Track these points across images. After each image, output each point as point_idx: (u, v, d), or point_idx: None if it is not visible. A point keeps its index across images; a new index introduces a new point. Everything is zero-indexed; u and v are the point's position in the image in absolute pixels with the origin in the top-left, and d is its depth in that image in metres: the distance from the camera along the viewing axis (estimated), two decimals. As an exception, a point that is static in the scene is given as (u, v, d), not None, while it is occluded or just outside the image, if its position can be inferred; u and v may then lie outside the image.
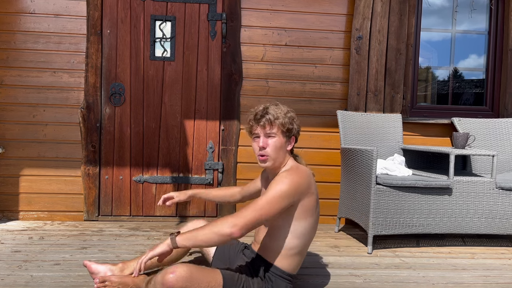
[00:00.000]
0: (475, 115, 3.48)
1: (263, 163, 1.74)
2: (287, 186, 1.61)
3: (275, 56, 3.28)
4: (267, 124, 1.70)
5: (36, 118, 3.13)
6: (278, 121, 1.70)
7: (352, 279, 2.16)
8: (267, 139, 1.71)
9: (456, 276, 2.25)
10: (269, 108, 1.72)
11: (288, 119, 1.73)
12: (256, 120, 1.72)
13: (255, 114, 1.73)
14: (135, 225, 3.10)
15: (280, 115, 1.71)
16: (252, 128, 1.74)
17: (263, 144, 1.70)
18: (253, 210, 1.56)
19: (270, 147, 1.71)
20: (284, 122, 1.71)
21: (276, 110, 1.72)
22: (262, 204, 1.58)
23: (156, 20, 3.18)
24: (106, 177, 3.19)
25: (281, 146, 1.72)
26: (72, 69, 3.14)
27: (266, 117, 1.69)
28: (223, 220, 1.54)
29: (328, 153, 3.33)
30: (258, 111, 1.73)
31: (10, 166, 3.13)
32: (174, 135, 3.23)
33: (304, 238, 1.73)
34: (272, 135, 1.71)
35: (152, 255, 1.56)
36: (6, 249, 2.47)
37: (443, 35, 3.63)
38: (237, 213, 1.57)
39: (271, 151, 1.71)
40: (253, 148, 1.78)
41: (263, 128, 1.70)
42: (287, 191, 1.61)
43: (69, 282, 2.00)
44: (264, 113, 1.71)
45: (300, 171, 1.70)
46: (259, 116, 1.71)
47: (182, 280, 1.50)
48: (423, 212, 2.63)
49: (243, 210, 1.57)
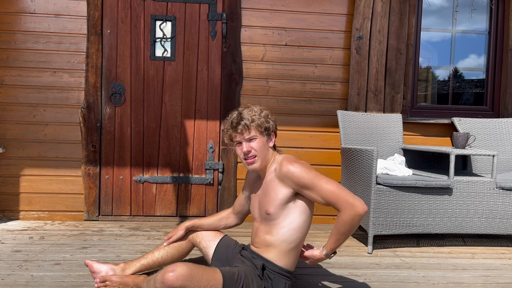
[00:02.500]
0: (475, 115, 3.48)
1: (252, 165, 1.78)
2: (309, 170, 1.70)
3: (275, 56, 3.28)
4: (244, 130, 1.74)
5: (36, 118, 3.13)
6: (254, 123, 1.74)
7: (352, 279, 2.16)
8: (249, 143, 1.76)
9: (456, 276, 2.25)
10: (242, 113, 1.76)
11: (263, 118, 1.77)
12: (233, 128, 1.75)
13: (230, 122, 1.77)
14: (135, 225, 3.10)
15: (255, 117, 1.75)
16: (231, 136, 1.78)
17: (247, 148, 1.75)
18: (336, 187, 1.67)
19: (255, 148, 1.76)
20: (260, 122, 1.76)
21: (250, 113, 1.76)
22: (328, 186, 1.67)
23: (157, 20, 3.18)
24: (107, 177, 3.19)
25: (263, 145, 1.77)
26: (73, 69, 3.14)
27: (241, 123, 1.73)
28: (341, 215, 1.64)
29: (328, 153, 3.33)
30: (233, 119, 1.77)
31: (10, 166, 3.13)
32: (174, 135, 3.24)
33: (303, 230, 1.77)
34: (253, 138, 1.76)
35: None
36: (7, 249, 2.47)
37: (443, 35, 3.63)
38: (339, 202, 1.64)
39: (257, 152, 1.76)
40: (237, 154, 1.83)
41: (242, 134, 1.75)
42: (313, 171, 1.71)
43: (70, 282, 2.00)
44: (239, 119, 1.75)
45: (292, 156, 1.79)
46: (235, 123, 1.75)
47: (182, 278, 1.50)
48: (423, 212, 2.63)
49: (335, 197, 1.65)
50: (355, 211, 1.61)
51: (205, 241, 2.03)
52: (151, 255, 2.01)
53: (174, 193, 3.25)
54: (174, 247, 2.04)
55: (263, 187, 1.82)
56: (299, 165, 1.71)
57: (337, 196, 1.64)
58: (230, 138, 1.80)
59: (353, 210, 1.61)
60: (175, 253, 2.04)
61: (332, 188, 1.66)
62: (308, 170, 1.69)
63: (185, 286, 1.51)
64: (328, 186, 1.66)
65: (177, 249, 2.04)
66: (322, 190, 1.66)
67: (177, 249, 2.04)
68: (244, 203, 2.04)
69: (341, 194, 1.64)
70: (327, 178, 1.69)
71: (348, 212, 1.62)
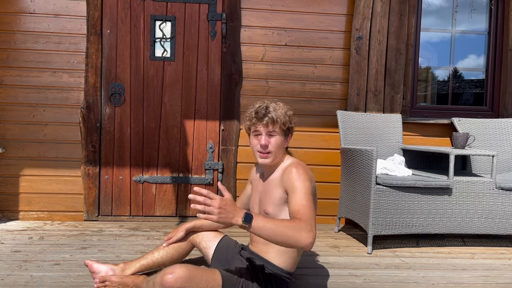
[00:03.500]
0: (475, 115, 3.48)
1: (264, 159, 1.76)
2: (308, 182, 1.63)
3: (275, 56, 3.28)
4: (269, 123, 1.72)
5: (36, 118, 3.13)
6: (280, 120, 1.73)
7: (352, 279, 2.16)
8: (269, 137, 1.74)
9: (456, 276, 2.25)
10: (270, 107, 1.75)
11: (288, 117, 1.77)
12: (258, 118, 1.73)
13: (256, 111, 1.75)
14: (135, 225, 3.10)
15: (281, 114, 1.74)
16: (254, 125, 1.75)
17: (266, 142, 1.73)
18: (311, 210, 1.54)
19: (272, 144, 1.74)
20: (285, 121, 1.75)
21: (277, 109, 1.75)
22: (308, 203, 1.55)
23: (156, 20, 3.18)
24: (106, 177, 3.19)
25: (280, 143, 1.76)
26: (72, 69, 3.14)
27: (269, 115, 1.71)
28: (299, 224, 1.47)
29: (328, 153, 3.33)
30: (260, 109, 1.74)
31: (10, 166, 3.13)
32: (174, 135, 3.24)
33: None
34: (274, 134, 1.74)
35: (204, 217, 1.41)
36: (6, 249, 2.47)
37: (443, 35, 3.63)
38: (303, 218, 1.49)
39: (273, 149, 1.74)
40: (251, 144, 1.80)
41: (266, 126, 1.72)
42: (310, 185, 1.64)
43: (69, 282, 2.00)
44: (267, 111, 1.73)
45: (304, 164, 1.74)
46: (261, 114, 1.72)
47: (181, 280, 1.50)
48: (423, 212, 2.63)
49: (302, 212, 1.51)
50: (304, 237, 1.44)
51: (205, 242, 2.03)
52: (150, 256, 2.01)
53: (173, 193, 3.25)
54: (174, 247, 2.04)
55: (265, 185, 1.82)
56: (301, 169, 1.67)
57: (305, 212, 1.52)
58: (250, 127, 1.78)
59: (304, 234, 1.44)
60: (175, 253, 2.04)
61: (306, 203, 1.55)
62: (303, 178, 1.63)
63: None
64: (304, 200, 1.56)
65: (177, 249, 2.04)
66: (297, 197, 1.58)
67: (176, 250, 2.04)
68: (246, 202, 2.04)
69: (309, 214, 1.52)
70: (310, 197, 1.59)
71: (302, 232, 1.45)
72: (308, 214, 1.52)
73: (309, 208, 1.55)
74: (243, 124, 1.83)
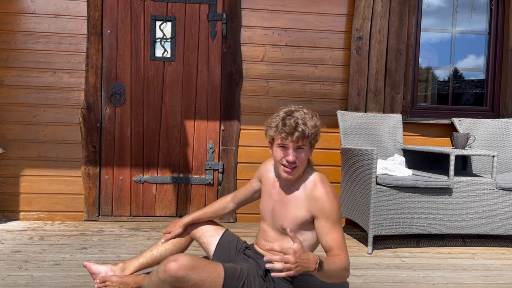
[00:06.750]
0: (475, 115, 3.48)
1: (288, 174, 1.68)
2: (338, 205, 1.68)
3: (275, 56, 3.28)
4: (300, 138, 1.62)
5: (36, 118, 3.13)
6: (311, 135, 1.65)
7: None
8: (297, 153, 1.66)
9: (456, 277, 2.25)
10: (299, 119, 1.62)
11: (317, 130, 1.68)
12: (288, 133, 1.61)
13: (284, 123, 1.62)
14: (135, 225, 3.10)
15: (311, 127, 1.64)
16: (282, 139, 1.64)
17: (293, 158, 1.64)
18: (344, 240, 1.65)
19: (300, 160, 1.67)
20: (315, 134, 1.67)
21: (306, 120, 1.64)
22: (342, 233, 1.66)
23: (157, 20, 3.18)
24: (107, 177, 3.19)
25: (307, 157, 1.71)
26: (73, 69, 3.14)
27: (299, 130, 1.61)
28: (345, 263, 1.56)
29: (328, 153, 3.33)
30: (290, 123, 1.61)
31: (10, 166, 3.13)
32: (174, 135, 3.24)
33: (314, 248, 1.79)
34: (302, 147, 1.66)
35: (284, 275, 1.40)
36: (6, 249, 2.47)
37: (443, 35, 3.63)
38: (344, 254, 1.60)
39: (300, 164, 1.68)
40: (274, 154, 1.71)
41: (295, 142, 1.63)
42: (339, 209, 1.69)
43: (69, 282, 2.00)
44: (296, 124, 1.61)
45: (327, 181, 1.74)
46: (292, 127, 1.60)
47: (184, 268, 1.51)
48: (423, 212, 2.63)
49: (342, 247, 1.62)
50: (348, 273, 1.61)
51: (206, 237, 2.02)
52: (149, 253, 2.01)
53: (174, 193, 3.25)
54: (172, 243, 2.04)
55: (283, 197, 1.77)
56: (330, 191, 1.68)
57: (343, 246, 1.63)
58: (274, 137, 1.67)
59: (349, 271, 1.61)
60: (174, 249, 2.03)
61: (341, 233, 1.65)
62: (335, 203, 1.67)
63: (186, 276, 1.51)
64: (339, 231, 1.65)
65: (176, 245, 2.04)
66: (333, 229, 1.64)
67: (175, 245, 2.04)
68: (249, 196, 2.03)
69: (345, 247, 1.64)
70: (341, 223, 1.69)
71: (349, 270, 1.60)
72: (345, 247, 1.63)
73: (343, 238, 1.64)
74: (266, 131, 1.71)
